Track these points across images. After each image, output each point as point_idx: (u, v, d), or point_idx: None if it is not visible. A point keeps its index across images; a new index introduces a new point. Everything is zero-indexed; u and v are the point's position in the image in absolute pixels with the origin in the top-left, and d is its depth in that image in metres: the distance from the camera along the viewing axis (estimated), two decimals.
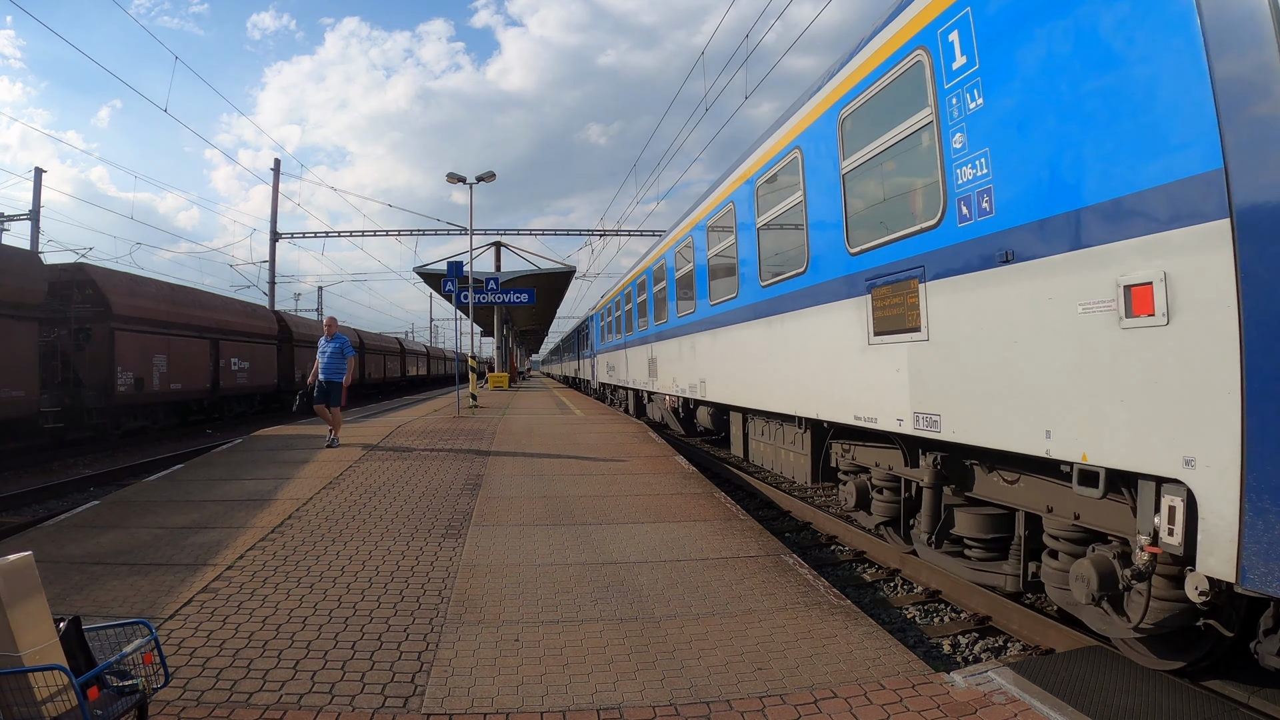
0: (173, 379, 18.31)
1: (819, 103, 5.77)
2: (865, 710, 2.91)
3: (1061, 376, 3.29)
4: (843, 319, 5.40)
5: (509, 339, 41.08)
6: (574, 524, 5.87)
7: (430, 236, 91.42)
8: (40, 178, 24.07)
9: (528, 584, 4.44)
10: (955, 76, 4.01)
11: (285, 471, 8.23)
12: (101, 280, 16.34)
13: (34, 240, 23.49)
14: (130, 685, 2.56)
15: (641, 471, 8.28)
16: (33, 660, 2.33)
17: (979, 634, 4.78)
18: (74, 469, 13.29)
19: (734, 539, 5.44)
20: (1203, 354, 2.63)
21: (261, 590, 4.32)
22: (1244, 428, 2.48)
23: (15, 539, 5.64)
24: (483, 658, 3.40)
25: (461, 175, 19.22)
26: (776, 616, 3.92)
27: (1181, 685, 3.39)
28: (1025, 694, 3.03)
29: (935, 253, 4.22)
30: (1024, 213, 3.52)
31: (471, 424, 13.40)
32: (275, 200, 32.77)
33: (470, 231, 21.02)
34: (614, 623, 3.83)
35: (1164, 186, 2.79)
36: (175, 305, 18.90)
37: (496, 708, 2.94)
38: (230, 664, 3.32)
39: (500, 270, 30.06)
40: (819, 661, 3.36)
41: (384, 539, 5.40)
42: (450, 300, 21.27)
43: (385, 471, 8.17)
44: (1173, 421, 2.75)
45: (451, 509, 6.35)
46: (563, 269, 30.07)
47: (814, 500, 8.71)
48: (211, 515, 6.22)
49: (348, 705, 2.96)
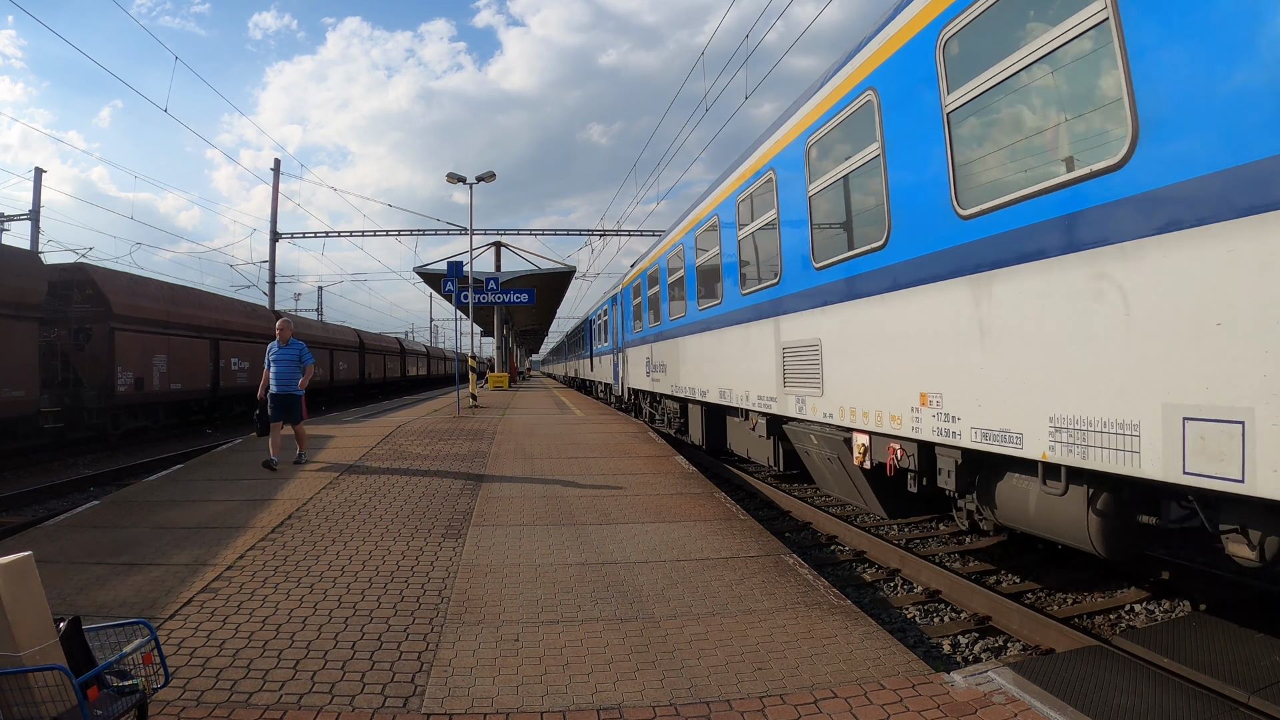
0: (173, 379, 18.31)
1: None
2: (865, 710, 2.91)
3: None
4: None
5: (509, 339, 41.09)
6: (574, 524, 5.87)
7: (430, 236, 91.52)
8: (40, 178, 24.07)
9: (528, 584, 4.44)
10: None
11: (286, 471, 8.23)
12: (101, 280, 16.34)
13: (34, 240, 23.49)
14: (130, 685, 2.56)
15: (642, 471, 8.28)
16: (33, 660, 2.33)
17: (979, 634, 4.78)
18: (74, 469, 13.29)
19: (734, 539, 5.44)
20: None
21: (262, 590, 4.32)
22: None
23: (15, 539, 5.64)
24: (483, 658, 3.40)
25: (462, 175, 19.23)
26: (776, 616, 3.91)
27: (1181, 685, 3.39)
28: (1025, 694, 3.03)
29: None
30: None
31: (471, 424, 13.40)
32: (275, 200, 32.77)
33: (470, 231, 21.03)
34: (614, 623, 3.83)
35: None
36: (175, 305, 18.90)
37: (496, 708, 2.94)
38: (230, 664, 3.32)
39: (500, 270, 30.06)
40: (819, 661, 3.36)
41: (384, 539, 5.40)
42: (450, 300, 21.28)
43: (385, 472, 8.17)
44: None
45: (451, 509, 6.35)
46: (563, 269, 30.09)
47: (814, 500, 8.71)
48: (212, 515, 6.22)
49: (348, 705, 2.96)
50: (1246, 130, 2.57)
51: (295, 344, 8.72)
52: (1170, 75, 2.87)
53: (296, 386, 8.60)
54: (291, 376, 8.58)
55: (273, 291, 32.42)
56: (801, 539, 7.30)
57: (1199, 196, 2.74)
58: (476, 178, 19.39)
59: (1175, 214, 2.83)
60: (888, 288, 4.89)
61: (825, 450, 6.26)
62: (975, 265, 3.98)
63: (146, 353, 17.26)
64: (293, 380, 8.58)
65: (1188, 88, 2.80)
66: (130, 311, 16.73)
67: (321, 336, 30.78)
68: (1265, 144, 2.50)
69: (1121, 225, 3.07)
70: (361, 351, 36.57)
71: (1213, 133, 2.68)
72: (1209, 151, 2.69)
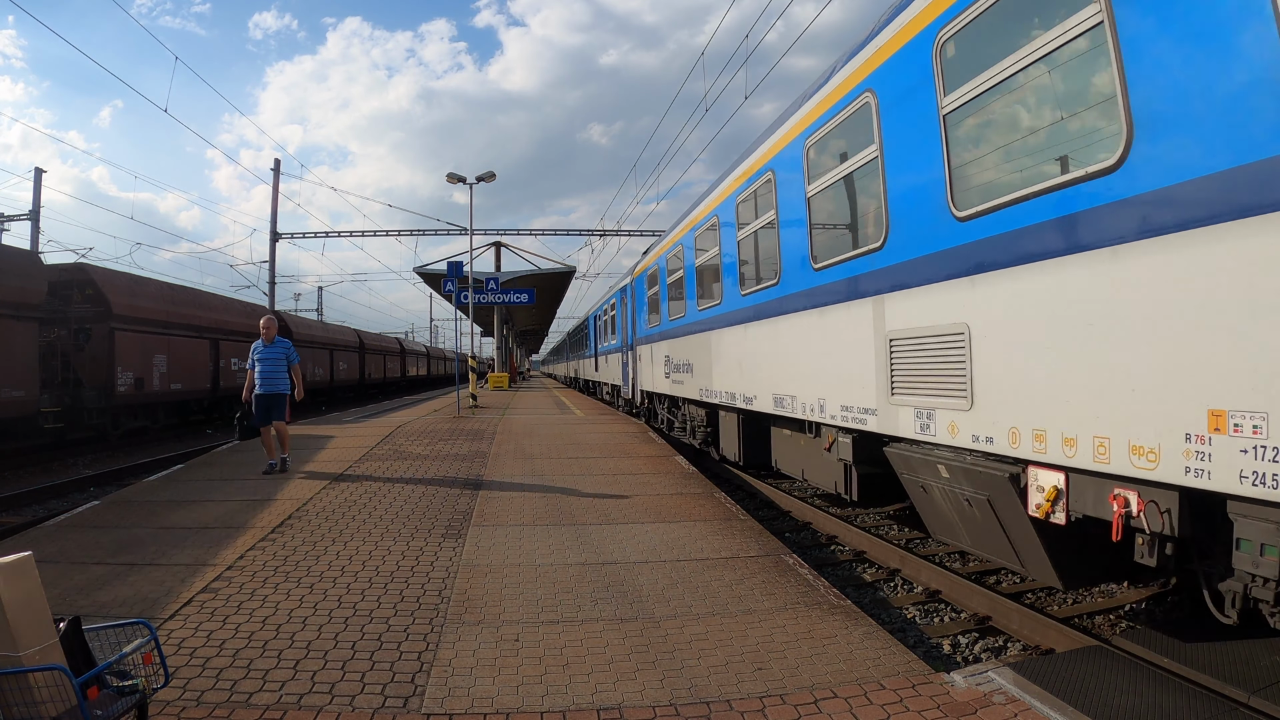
0: (173, 379, 18.32)
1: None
2: (865, 710, 2.91)
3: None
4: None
5: (509, 339, 41.10)
6: (574, 524, 5.87)
7: (430, 237, 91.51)
8: (40, 178, 24.07)
9: (528, 584, 4.44)
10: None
11: (283, 473, 8.23)
12: (101, 280, 16.35)
13: (34, 240, 23.49)
14: (130, 685, 2.56)
15: (642, 471, 8.28)
16: (33, 660, 2.33)
17: (979, 634, 4.78)
18: (74, 469, 13.29)
19: (734, 539, 5.44)
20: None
21: (262, 590, 4.32)
22: None
23: (15, 539, 5.64)
24: (483, 658, 3.40)
25: (462, 175, 19.24)
26: (776, 616, 3.91)
27: (1181, 685, 3.39)
28: (1025, 694, 3.03)
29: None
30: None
31: (471, 424, 13.40)
32: (275, 200, 32.77)
33: (470, 231, 21.03)
34: (614, 623, 3.83)
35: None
36: (175, 305, 18.91)
37: (496, 708, 2.94)
38: (230, 664, 3.32)
39: (500, 270, 30.06)
40: (819, 661, 3.36)
41: (384, 539, 5.40)
42: (450, 300, 21.29)
43: (385, 472, 8.17)
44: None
45: (451, 509, 6.35)
46: (563, 269, 30.10)
47: (813, 500, 8.71)
48: (212, 515, 6.22)
49: (348, 705, 2.96)
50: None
51: (281, 343, 8.37)
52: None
53: (284, 386, 8.24)
54: (278, 376, 8.20)
55: (272, 292, 32.41)
56: (801, 539, 7.30)
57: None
58: (476, 178, 19.41)
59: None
60: (1135, 234, 3.04)
61: (964, 488, 4.41)
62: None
63: (146, 353, 17.27)
64: (280, 380, 8.20)
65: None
66: (130, 311, 16.74)
67: (321, 336, 30.81)
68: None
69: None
70: (361, 352, 36.59)
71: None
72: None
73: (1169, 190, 2.89)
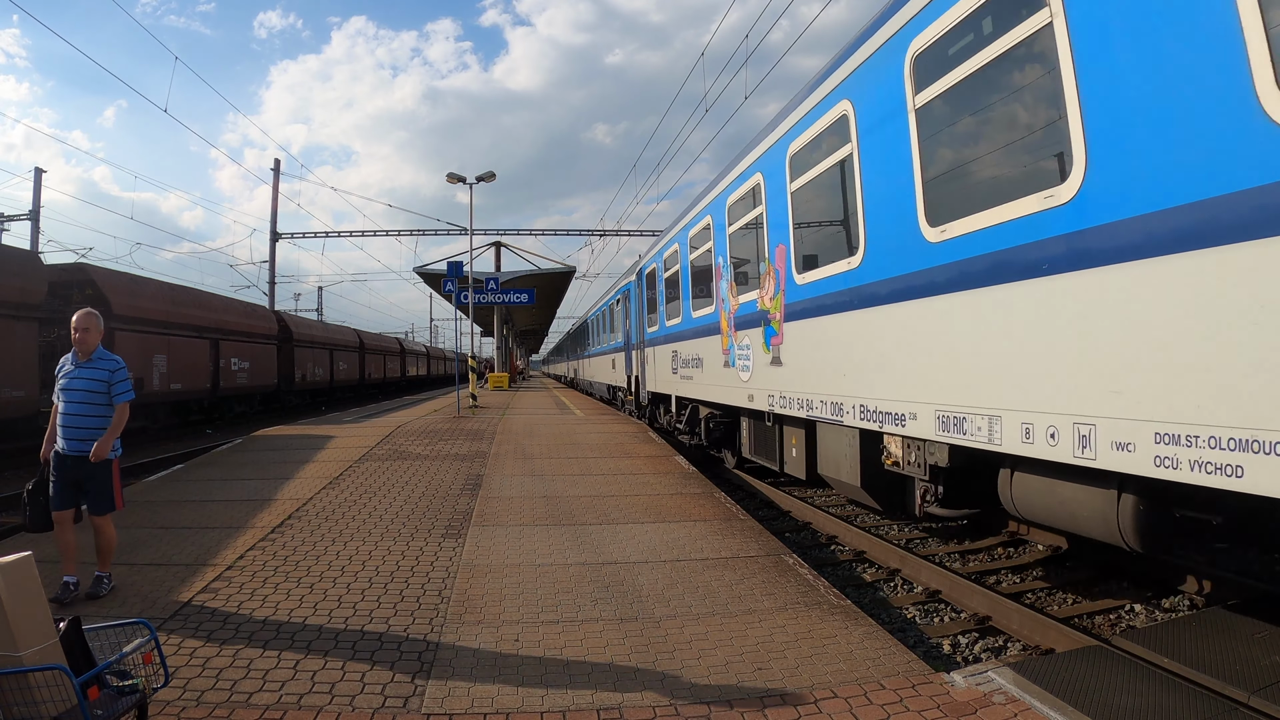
0: (173, 379, 18.31)
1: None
2: (865, 710, 2.91)
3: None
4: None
5: (509, 339, 41.11)
6: (574, 524, 5.87)
7: (431, 237, 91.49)
8: (40, 178, 24.08)
9: (528, 584, 4.44)
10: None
11: (285, 471, 8.23)
12: (101, 280, 16.35)
13: (34, 240, 23.50)
14: (130, 685, 2.56)
15: (641, 471, 8.28)
16: (33, 660, 2.34)
17: (979, 634, 4.78)
18: None
19: (734, 539, 5.44)
20: None
21: (262, 590, 4.32)
22: None
23: (15, 539, 5.64)
24: (483, 658, 3.40)
25: (462, 175, 19.24)
26: (776, 616, 3.91)
27: (1181, 685, 3.39)
28: (1025, 694, 3.03)
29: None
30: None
31: (471, 424, 13.40)
32: (275, 201, 32.81)
33: (470, 232, 21.05)
34: (614, 623, 3.83)
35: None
36: (175, 305, 18.90)
37: (496, 708, 2.94)
38: (230, 664, 3.32)
39: (500, 270, 30.07)
40: (819, 661, 3.36)
41: (384, 539, 5.40)
42: (450, 300, 21.29)
43: (385, 472, 8.17)
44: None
45: (451, 509, 6.35)
46: (563, 269, 30.10)
47: (814, 500, 8.70)
48: (211, 515, 6.22)
49: (348, 705, 2.96)
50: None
51: (105, 360, 4.41)
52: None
53: (93, 436, 4.28)
54: (88, 420, 4.30)
55: (272, 291, 32.46)
56: (801, 539, 7.29)
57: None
58: (476, 178, 19.41)
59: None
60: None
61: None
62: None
63: (146, 353, 17.26)
64: (89, 429, 4.30)
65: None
66: (130, 311, 16.73)
67: (322, 336, 30.85)
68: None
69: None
70: (361, 351, 36.60)
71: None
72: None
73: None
